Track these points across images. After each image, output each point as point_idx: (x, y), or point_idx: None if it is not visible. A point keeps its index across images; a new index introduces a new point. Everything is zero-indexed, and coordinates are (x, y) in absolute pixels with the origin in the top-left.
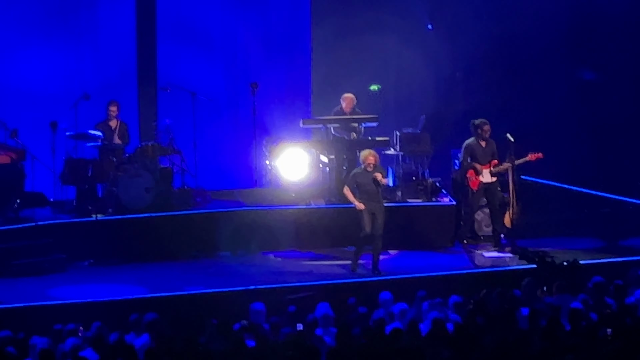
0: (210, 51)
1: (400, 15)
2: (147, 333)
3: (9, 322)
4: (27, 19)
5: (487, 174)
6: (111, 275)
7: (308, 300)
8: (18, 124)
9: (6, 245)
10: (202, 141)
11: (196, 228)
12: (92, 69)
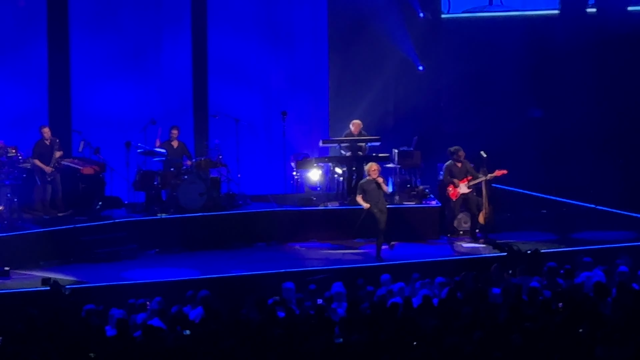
0: (249, 85)
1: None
2: (201, 306)
3: (93, 298)
4: (108, 60)
5: (463, 187)
6: (172, 261)
7: (325, 281)
8: (100, 143)
9: (91, 237)
10: (243, 157)
11: (238, 224)
12: (157, 100)
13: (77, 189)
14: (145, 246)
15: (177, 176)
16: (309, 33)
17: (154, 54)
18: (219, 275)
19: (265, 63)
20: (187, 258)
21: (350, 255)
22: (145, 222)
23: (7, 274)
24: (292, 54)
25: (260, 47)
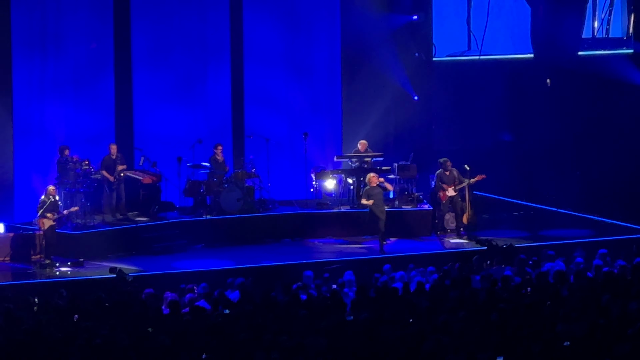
0: (277, 110)
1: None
2: (238, 290)
3: (151, 283)
4: (163, 89)
5: (451, 190)
6: (215, 254)
7: (338, 270)
8: (157, 158)
9: (149, 234)
10: (272, 169)
11: (268, 224)
12: (203, 122)
13: (138, 195)
14: (193, 242)
15: (219, 185)
16: (325, 67)
17: (200, 85)
18: (252, 265)
19: (290, 92)
20: (227, 251)
21: (358, 249)
22: (193, 222)
23: (81, 264)
24: (311, 84)
25: (286, 78)
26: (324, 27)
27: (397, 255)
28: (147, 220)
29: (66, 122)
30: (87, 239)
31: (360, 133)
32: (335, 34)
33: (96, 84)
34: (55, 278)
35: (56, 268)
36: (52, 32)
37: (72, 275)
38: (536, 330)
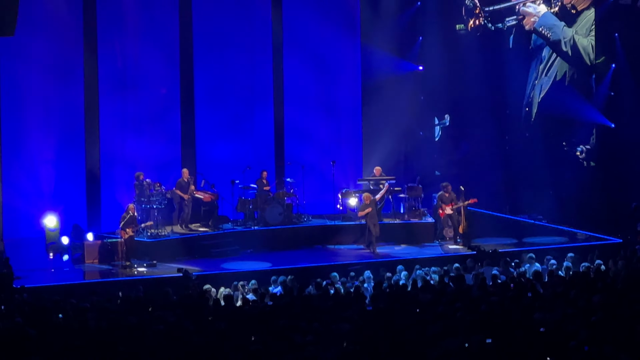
0: (310, 142)
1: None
2: (280, 286)
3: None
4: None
5: (448, 209)
6: (261, 257)
7: (360, 270)
8: (215, 181)
9: (208, 242)
10: (307, 190)
11: (303, 233)
12: (251, 152)
13: (200, 210)
14: (243, 247)
15: (264, 202)
16: (348, 106)
17: (249, 121)
18: (291, 266)
19: (320, 127)
20: (270, 255)
21: (372, 253)
22: (243, 232)
23: (154, 265)
24: (338, 120)
25: (317, 116)
26: (347, 73)
27: (406, 258)
28: (207, 231)
29: (142, 151)
30: (159, 245)
31: (376, 160)
32: (357, 78)
33: (166, 120)
34: (133, 276)
35: (134, 268)
36: (130, 78)
37: (147, 274)
38: (517, 318)
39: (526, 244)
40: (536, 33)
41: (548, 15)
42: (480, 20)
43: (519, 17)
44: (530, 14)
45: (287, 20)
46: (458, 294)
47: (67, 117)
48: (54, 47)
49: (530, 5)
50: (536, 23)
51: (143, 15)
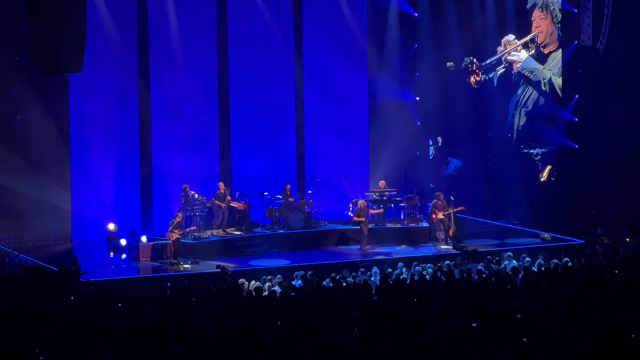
0: (326, 160)
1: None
2: (301, 280)
3: (242, 276)
4: (252, 145)
5: (440, 215)
6: (285, 256)
7: (368, 266)
8: (247, 193)
9: (242, 243)
10: (323, 199)
11: (321, 236)
12: (277, 168)
13: (235, 217)
14: (270, 248)
15: (288, 210)
16: (358, 128)
17: (275, 141)
18: (310, 263)
19: (334, 146)
20: (293, 254)
21: (380, 253)
22: (271, 235)
23: (197, 262)
24: (349, 141)
25: (332, 137)
26: (356, 101)
27: (405, 256)
28: (241, 234)
29: (187, 167)
30: (201, 246)
31: (380, 175)
32: (364, 106)
33: (207, 141)
34: (180, 272)
35: (181, 265)
36: (177, 105)
37: (191, 270)
38: (498, 306)
39: (505, 244)
40: (520, 75)
41: (529, 59)
42: (479, 76)
43: (506, 65)
44: (515, 61)
45: (307, 57)
46: (449, 286)
47: (124, 139)
48: (114, 79)
49: (514, 54)
50: (520, 67)
51: (187, 53)
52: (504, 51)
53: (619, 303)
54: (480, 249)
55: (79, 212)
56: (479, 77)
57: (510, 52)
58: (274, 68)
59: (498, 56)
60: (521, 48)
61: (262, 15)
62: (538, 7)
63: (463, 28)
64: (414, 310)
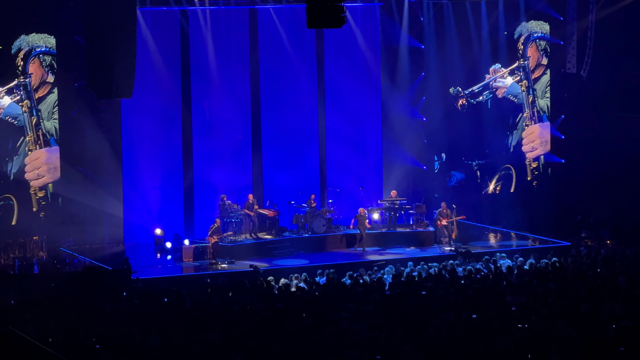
0: (345, 173)
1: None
2: (325, 277)
3: (272, 274)
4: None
5: (444, 222)
6: (309, 257)
7: (381, 265)
8: (276, 201)
9: (272, 245)
10: (343, 207)
11: (341, 239)
12: (303, 180)
13: (265, 223)
14: (297, 249)
15: (312, 217)
16: (372, 144)
17: (301, 156)
18: (331, 262)
19: (352, 160)
20: (316, 255)
21: (392, 254)
22: (297, 238)
23: (233, 262)
24: (364, 156)
25: (350, 152)
26: (371, 120)
27: (414, 257)
28: (271, 237)
29: (223, 179)
30: (237, 248)
31: (392, 185)
32: (378, 124)
33: (240, 156)
34: (218, 271)
35: (219, 265)
36: (215, 124)
37: (228, 269)
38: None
39: (501, 245)
40: (507, 99)
41: (514, 85)
42: (464, 100)
43: (492, 90)
44: (500, 87)
45: (328, 82)
46: (452, 282)
47: (169, 154)
48: (160, 102)
49: (499, 80)
50: (505, 92)
51: (224, 78)
52: (490, 78)
53: (601, 297)
54: (477, 250)
55: (129, 219)
56: (464, 102)
57: (497, 79)
58: (299, 91)
59: (485, 82)
60: (507, 75)
61: (289, 46)
62: (525, 36)
63: (462, 57)
64: (421, 303)
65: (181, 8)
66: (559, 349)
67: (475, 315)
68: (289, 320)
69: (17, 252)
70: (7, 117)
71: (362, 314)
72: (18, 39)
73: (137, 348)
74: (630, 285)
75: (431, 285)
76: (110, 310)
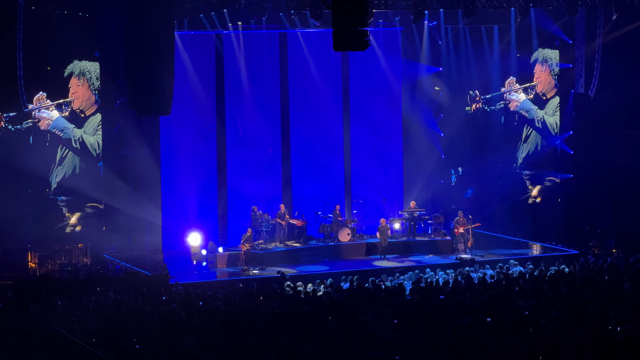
0: (369, 185)
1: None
2: (348, 283)
3: (299, 279)
4: (307, 173)
5: (461, 229)
6: (334, 264)
7: (402, 272)
8: (304, 212)
9: (300, 253)
10: (367, 218)
11: (364, 247)
12: (329, 191)
13: (294, 232)
14: (323, 257)
15: (337, 226)
16: (394, 158)
17: (327, 169)
18: (355, 269)
19: (375, 174)
20: (341, 262)
21: (411, 261)
22: (323, 246)
23: (264, 269)
24: (387, 168)
25: (373, 165)
26: (393, 135)
27: (432, 264)
28: (299, 245)
29: (255, 190)
30: (267, 255)
31: (412, 197)
32: (399, 139)
33: (271, 168)
34: (250, 276)
35: (250, 271)
36: (248, 138)
37: (259, 275)
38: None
39: (513, 253)
40: (518, 113)
41: (526, 101)
42: (479, 104)
43: (505, 102)
44: (514, 100)
45: (353, 100)
46: (468, 287)
47: (204, 166)
48: (196, 117)
49: (513, 94)
50: (518, 107)
51: (255, 96)
52: (506, 90)
53: (607, 302)
54: (492, 257)
55: (168, 228)
56: (479, 106)
57: (511, 92)
58: (325, 108)
59: (500, 93)
60: (521, 91)
61: (316, 67)
62: (539, 62)
63: (478, 76)
64: (439, 307)
65: (216, 32)
66: (568, 351)
67: (489, 319)
68: (316, 323)
69: (63, 259)
70: (55, 129)
71: (384, 317)
72: (71, 63)
73: (174, 348)
74: (635, 291)
75: (448, 291)
76: (149, 313)
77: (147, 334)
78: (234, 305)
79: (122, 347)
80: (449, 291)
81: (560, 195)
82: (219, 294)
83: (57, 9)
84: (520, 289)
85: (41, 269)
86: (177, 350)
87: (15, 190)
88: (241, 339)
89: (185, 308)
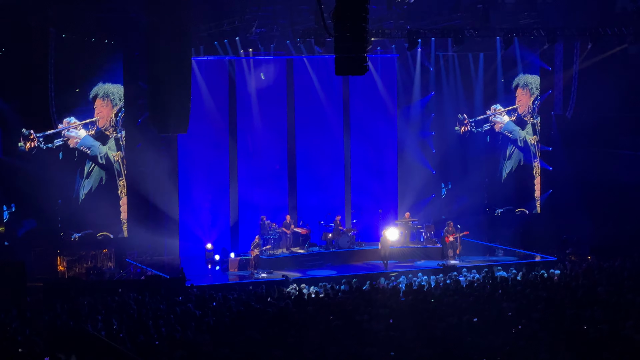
0: (367, 196)
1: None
2: (347, 285)
3: (305, 282)
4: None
5: (451, 238)
6: (335, 268)
7: (397, 275)
8: (308, 221)
9: (304, 259)
10: (364, 226)
11: (362, 253)
12: (331, 201)
13: (299, 239)
14: (325, 262)
15: (338, 234)
16: (390, 171)
17: (329, 181)
18: (353, 273)
19: (373, 185)
20: (341, 267)
21: (407, 266)
22: (325, 253)
23: (271, 272)
24: (384, 181)
25: (371, 177)
26: (389, 149)
27: (424, 269)
28: (303, 252)
29: (264, 200)
30: (274, 261)
31: (406, 207)
32: (394, 153)
33: (278, 180)
34: (258, 279)
35: (259, 275)
36: (258, 151)
37: (267, 278)
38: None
39: (497, 260)
40: (502, 134)
41: (510, 123)
42: (467, 127)
43: (491, 124)
44: (498, 122)
45: (353, 117)
46: (456, 290)
47: (218, 177)
48: (210, 131)
49: (497, 116)
50: (502, 127)
51: (264, 113)
52: (490, 113)
53: (583, 304)
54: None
55: (183, 234)
56: (467, 128)
57: (496, 115)
58: (328, 125)
59: (486, 116)
60: (505, 114)
61: (319, 89)
62: (521, 86)
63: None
64: (430, 308)
65: (229, 58)
66: (547, 349)
67: (475, 319)
68: (318, 321)
69: (89, 263)
70: (82, 147)
71: (380, 317)
72: (96, 86)
73: (190, 344)
74: (608, 294)
75: (438, 293)
76: (167, 312)
77: (165, 331)
78: (244, 305)
79: (142, 343)
80: (439, 293)
81: (541, 207)
82: (230, 295)
83: (85, 37)
84: (503, 291)
85: (69, 272)
86: (193, 346)
87: (47, 201)
88: (250, 335)
89: (200, 307)
